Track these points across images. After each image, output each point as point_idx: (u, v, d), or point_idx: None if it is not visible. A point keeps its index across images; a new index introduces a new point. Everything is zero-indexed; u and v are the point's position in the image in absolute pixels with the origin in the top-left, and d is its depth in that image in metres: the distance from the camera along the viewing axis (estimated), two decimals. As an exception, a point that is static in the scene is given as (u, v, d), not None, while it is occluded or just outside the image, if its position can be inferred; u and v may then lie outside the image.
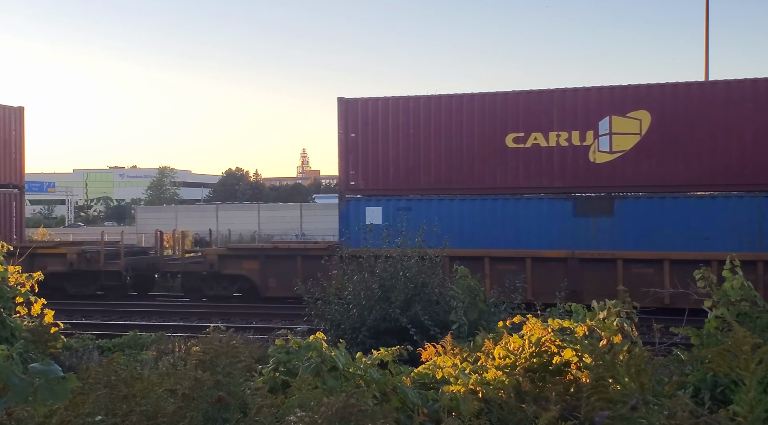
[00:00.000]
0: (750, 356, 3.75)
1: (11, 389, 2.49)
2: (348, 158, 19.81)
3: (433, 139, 19.10)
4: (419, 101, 19.42)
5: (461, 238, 17.61)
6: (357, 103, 19.86)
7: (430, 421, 4.75)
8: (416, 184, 19.36)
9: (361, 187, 19.75)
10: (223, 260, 20.54)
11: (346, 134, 19.86)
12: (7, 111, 23.15)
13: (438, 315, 10.24)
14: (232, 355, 3.99)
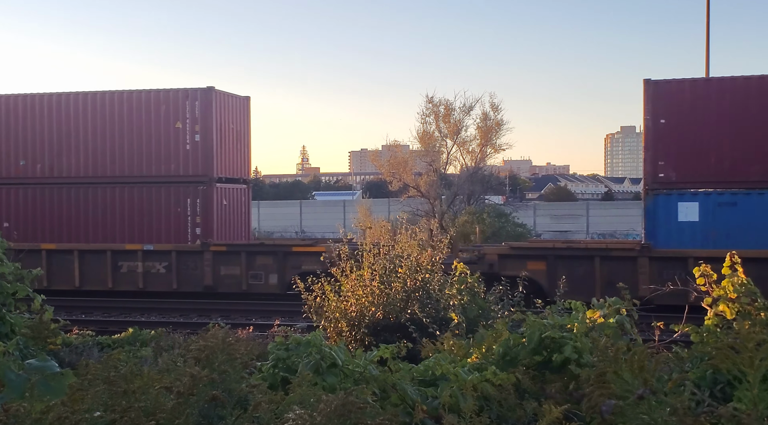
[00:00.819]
0: (754, 353, 3.74)
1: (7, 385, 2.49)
2: (656, 147, 17.79)
3: (767, 123, 16.88)
4: (745, 82, 17.45)
5: None
6: (668, 85, 17.94)
7: (430, 418, 4.74)
8: (744, 176, 17.26)
9: (672, 180, 17.72)
10: (503, 260, 18.82)
11: (655, 120, 17.80)
12: (237, 101, 21.66)
13: (438, 312, 10.24)
14: (228, 352, 3.98)
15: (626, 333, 5.97)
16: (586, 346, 5.38)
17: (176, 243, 20.10)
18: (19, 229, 20.53)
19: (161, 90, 20.68)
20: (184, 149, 20.30)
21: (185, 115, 20.27)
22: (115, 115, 20.74)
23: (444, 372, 5.25)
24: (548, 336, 5.46)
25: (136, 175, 20.67)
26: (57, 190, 21.05)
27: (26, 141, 21.25)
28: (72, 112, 21.04)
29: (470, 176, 31.65)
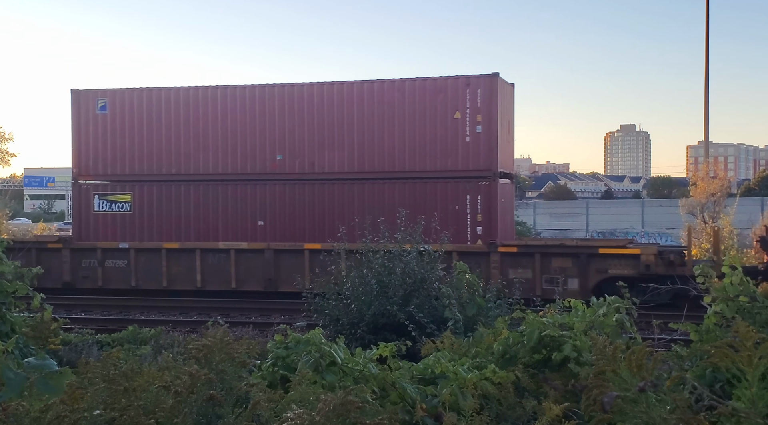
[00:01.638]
0: (753, 351, 3.74)
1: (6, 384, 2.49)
2: None
3: None
4: None
5: None
6: None
7: (429, 416, 4.74)
8: None
9: None
10: None
11: None
12: (508, 88, 20.10)
13: (437, 310, 10.24)
14: (226, 351, 3.98)
15: (625, 332, 5.98)
16: (586, 345, 5.38)
17: (456, 244, 17.78)
18: (275, 228, 19.70)
19: (438, 78, 19.15)
20: (463, 142, 18.76)
21: (465, 104, 18.71)
22: (384, 105, 19.30)
23: (443, 370, 5.25)
24: (547, 335, 5.46)
25: (408, 171, 19.23)
26: (318, 187, 19.65)
27: (283, 134, 19.91)
28: (335, 102, 19.59)
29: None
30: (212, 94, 20.47)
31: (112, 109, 20.81)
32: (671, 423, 3.59)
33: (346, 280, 11.27)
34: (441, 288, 10.03)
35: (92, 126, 20.93)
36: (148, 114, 20.64)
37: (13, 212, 59.48)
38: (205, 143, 20.36)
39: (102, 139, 20.88)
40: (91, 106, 20.90)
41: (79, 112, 21.01)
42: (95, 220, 20.75)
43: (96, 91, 21.02)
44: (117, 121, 20.79)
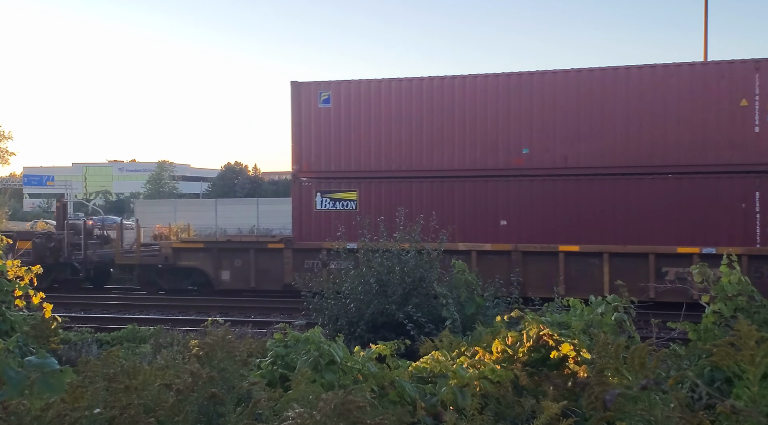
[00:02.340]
0: (755, 350, 3.75)
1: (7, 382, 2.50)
2: None
3: None
4: None
5: None
6: None
7: (428, 415, 4.75)
8: None
9: None
10: None
11: None
12: None
13: (436, 309, 10.25)
14: (227, 350, 3.99)
15: (624, 331, 5.99)
16: (584, 344, 5.39)
17: (744, 246, 16.47)
18: (521, 227, 18.29)
19: (721, 62, 17.73)
20: (750, 132, 17.05)
21: (753, 90, 17.04)
22: (649, 92, 17.72)
23: (442, 369, 5.26)
24: (546, 334, 5.47)
25: (682, 165, 17.59)
26: (572, 183, 18.18)
27: (530, 126, 18.46)
28: (593, 90, 18.07)
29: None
30: (448, 83, 19.06)
31: (336, 102, 19.61)
32: (672, 421, 3.60)
33: (345, 280, 11.28)
34: (438, 287, 10.03)
35: (314, 120, 19.74)
36: (375, 106, 19.37)
37: (12, 211, 59.37)
38: (439, 137, 18.98)
39: (324, 134, 19.63)
40: (313, 99, 19.76)
41: (300, 106, 19.83)
42: (317, 219, 19.53)
43: (318, 83, 19.85)
44: (341, 115, 19.58)
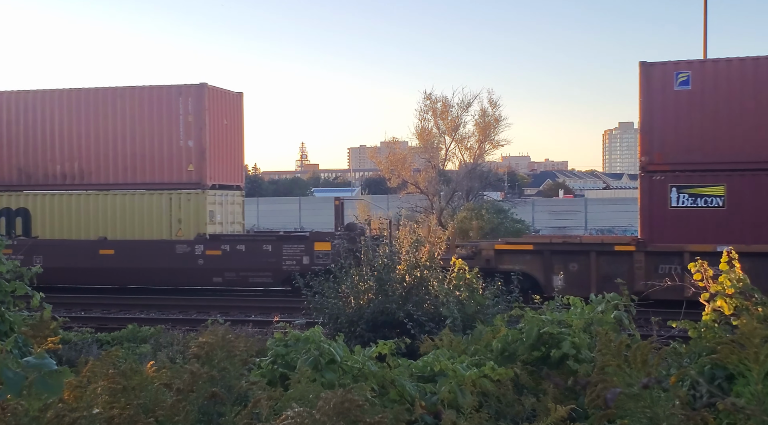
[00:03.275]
0: (759, 348, 3.74)
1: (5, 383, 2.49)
2: None
3: None
4: None
5: None
6: None
7: (429, 414, 4.75)
8: None
9: None
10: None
11: None
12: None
13: (436, 308, 10.24)
14: (227, 349, 3.98)
15: (624, 329, 5.98)
16: (584, 342, 5.39)
17: None
18: None
19: None
20: None
21: None
22: None
23: (442, 368, 5.26)
24: (546, 332, 5.47)
25: None
26: None
27: None
28: None
29: (468, 172, 31.64)
30: None
31: (697, 84, 17.18)
32: (674, 419, 3.60)
33: (345, 278, 11.27)
34: (438, 286, 10.03)
35: (670, 105, 17.28)
36: (755, 89, 16.98)
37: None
38: None
39: (684, 120, 17.17)
40: (668, 82, 17.32)
41: (650, 89, 17.42)
42: (672, 218, 17.17)
43: (676, 63, 17.51)
44: (704, 98, 17.10)
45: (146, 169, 21.14)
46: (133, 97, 21.20)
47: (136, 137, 21.21)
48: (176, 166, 20.99)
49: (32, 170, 21.67)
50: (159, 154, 21.07)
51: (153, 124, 21.09)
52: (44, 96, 21.75)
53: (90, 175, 21.46)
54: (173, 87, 21.09)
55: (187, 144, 20.82)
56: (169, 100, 20.96)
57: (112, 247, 20.45)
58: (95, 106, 21.49)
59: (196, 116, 20.73)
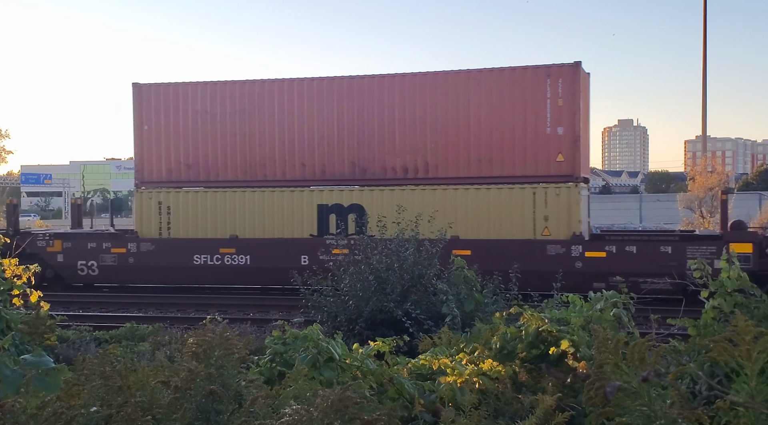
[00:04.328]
0: (752, 345, 3.74)
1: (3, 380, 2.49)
2: None
3: None
4: None
5: None
6: None
7: (427, 412, 4.75)
8: None
9: None
10: None
11: None
12: None
13: (435, 306, 10.24)
14: (225, 347, 3.97)
15: (623, 327, 5.97)
16: (583, 340, 5.38)
17: None
18: None
19: None
20: None
21: None
22: None
23: (441, 366, 5.25)
24: (545, 330, 5.46)
25: None
26: None
27: None
28: None
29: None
30: None
31: None
32: (671, 416, 3.59)
33: (344, 276, 11.27)
34: (438, 284, 10.02)
35: None
36: None
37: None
38: None
39: None
40: None
41: None
42: None
43: None
44: None
45: (504, 160, 18.95)
46: (490, 80, 19.05)
47: (493, 125, 19.00)
48: (542, 156, 18.68)
49: (368, 163, 19.70)
50: (521, 144, 18.83)
51: (514, 110, 18.82)
52: (382, 82, 19.72)
53: (435, 169, 19.33)
54: (540, 68, 18.75)
55: (555, 131, 18.57)
56: (535, 82, 18.64)
57: (467, 247, 17.87)
58: (444, 89, 19.31)
59: (567, 100, 18.45)
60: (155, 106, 20.83)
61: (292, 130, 20.09)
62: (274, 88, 20.30)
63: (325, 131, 19.89)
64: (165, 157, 20.88)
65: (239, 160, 20.37)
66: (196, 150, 20.63)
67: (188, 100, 20.66)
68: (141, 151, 21.06)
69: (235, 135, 20.37)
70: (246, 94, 20.39)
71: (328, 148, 19.92)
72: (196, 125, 20.58)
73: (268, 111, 20.20)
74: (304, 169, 20.03)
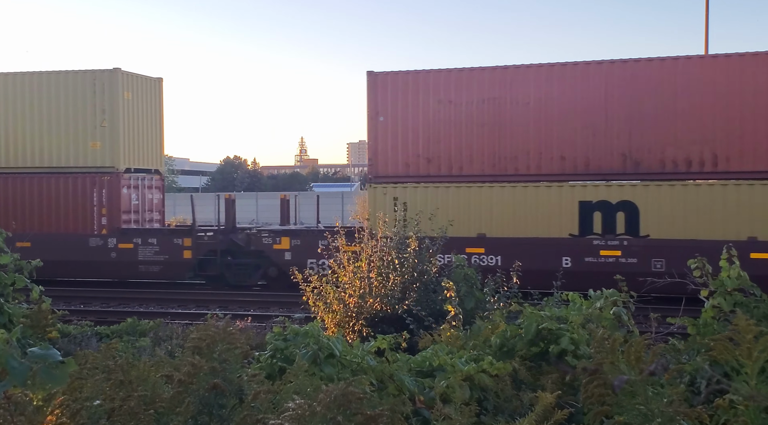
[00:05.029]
0: (752, 344, 3.76)
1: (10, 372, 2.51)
2: None
3: None
4: None
5: None
6: None
7: (427, 408, 4.77)
8: None
9: None
10: None
11: None
12: None
13: (435, 303, 10.25)
14: (228, 342, 4.00)
15: (623, 325, 6.00)
16: (583, 338, 5.41)
17: None
18: None
19: None
20: None
21: None
22: None
23: (441, 363, 5.28)
24: (545, 328, 5.49)
25: None
26: None
27: None
28: None
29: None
30: None
31: None
32: (669, 414, 3.61)
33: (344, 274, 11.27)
34: (443, 280, 10.04)
35: None
36: None
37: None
38: None
39: None
40: None
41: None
42: None
43: None
44: None
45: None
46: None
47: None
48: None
49: (643, 156, 17.40)
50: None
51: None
52: (662, 65, 17.57)
53: (727, 162, 16.91)
54: None
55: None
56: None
57: None
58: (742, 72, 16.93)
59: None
60: (391, 95, 19.23)
61: (550, 119, 18.15)
62: (529, 74, 18.47)
63: (589, 120, 17.86)
64: (402, 150, 19.19)
65: (486, 153, 18.62)
66: (438, 142, 18.91)
67: (429, 88, 18.98)
68: (375, 143, 19.41)
69: (483, 126, 18.54)
70: (496, 81, 18.60)
71: (593, 138, 17.81)
72: (438, 115, 18.85)
73: (521, 99, 18.35)
74: (563, 162, 18.03)
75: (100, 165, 20.69)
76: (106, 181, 20.53)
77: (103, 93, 20.54)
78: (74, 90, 20.79)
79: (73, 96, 20.77)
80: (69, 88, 20.81)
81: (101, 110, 20.51)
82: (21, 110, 21.08)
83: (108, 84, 20.54)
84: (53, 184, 20.85)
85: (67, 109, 20.78)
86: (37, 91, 21.04)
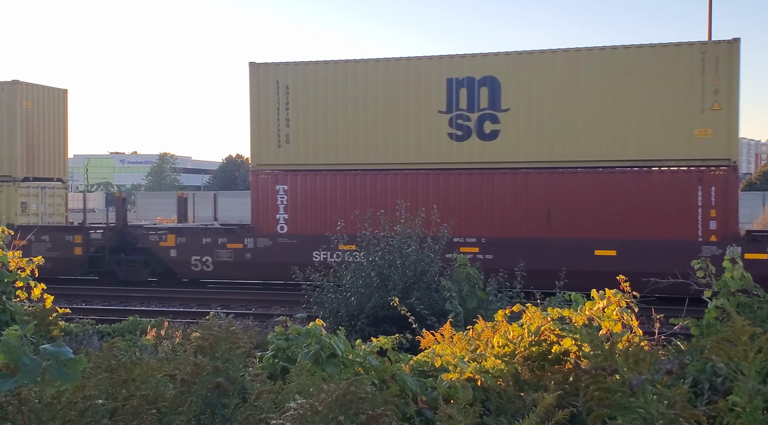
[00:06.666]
0: (749, 345, 3.75)
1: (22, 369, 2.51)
2: None
3: None
4: None
5: None
6: None
7: (429, 408, 4.76)
8: None
9: None
10: None
11: None
12: None
13: (437, 303, 10.24)
14: (231, 341, 4.00)
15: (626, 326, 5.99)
16: (586, 338, 5.39)
17: None
18: None
19: None
20: None
21: None
22: None
23: (443, 363, 5.27)
24: (547, 328, 5.48)
25: None
26: None
27: None
28: None
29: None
30: None
31: None
32: (669, 417, 3.60)
33: (345, 273, 11.27)
34: (441, 280, 10.02)
35: None
36: None
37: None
38: None
39: None
40: None
41: None
42: None
43: None
44: None
45: None
46: None
47: None
48: None
49: None
50: None
51: None
52: None
53: None
54: None
55: None
56: None
57: None
58: None
59: None
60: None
61: None
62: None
63: None
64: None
65: None
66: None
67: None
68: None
69: None
70: None
71: None
72: None
73: None
74: None
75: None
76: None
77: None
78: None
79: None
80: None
81: None
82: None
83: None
84: None
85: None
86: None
